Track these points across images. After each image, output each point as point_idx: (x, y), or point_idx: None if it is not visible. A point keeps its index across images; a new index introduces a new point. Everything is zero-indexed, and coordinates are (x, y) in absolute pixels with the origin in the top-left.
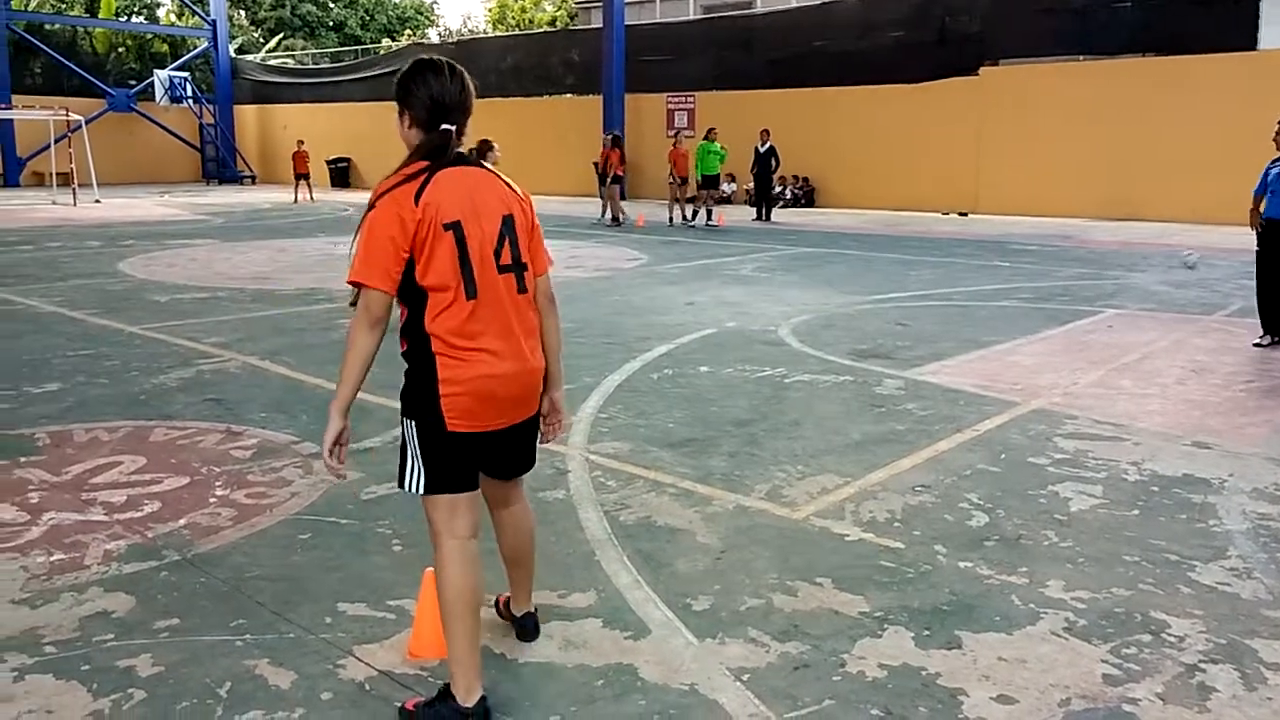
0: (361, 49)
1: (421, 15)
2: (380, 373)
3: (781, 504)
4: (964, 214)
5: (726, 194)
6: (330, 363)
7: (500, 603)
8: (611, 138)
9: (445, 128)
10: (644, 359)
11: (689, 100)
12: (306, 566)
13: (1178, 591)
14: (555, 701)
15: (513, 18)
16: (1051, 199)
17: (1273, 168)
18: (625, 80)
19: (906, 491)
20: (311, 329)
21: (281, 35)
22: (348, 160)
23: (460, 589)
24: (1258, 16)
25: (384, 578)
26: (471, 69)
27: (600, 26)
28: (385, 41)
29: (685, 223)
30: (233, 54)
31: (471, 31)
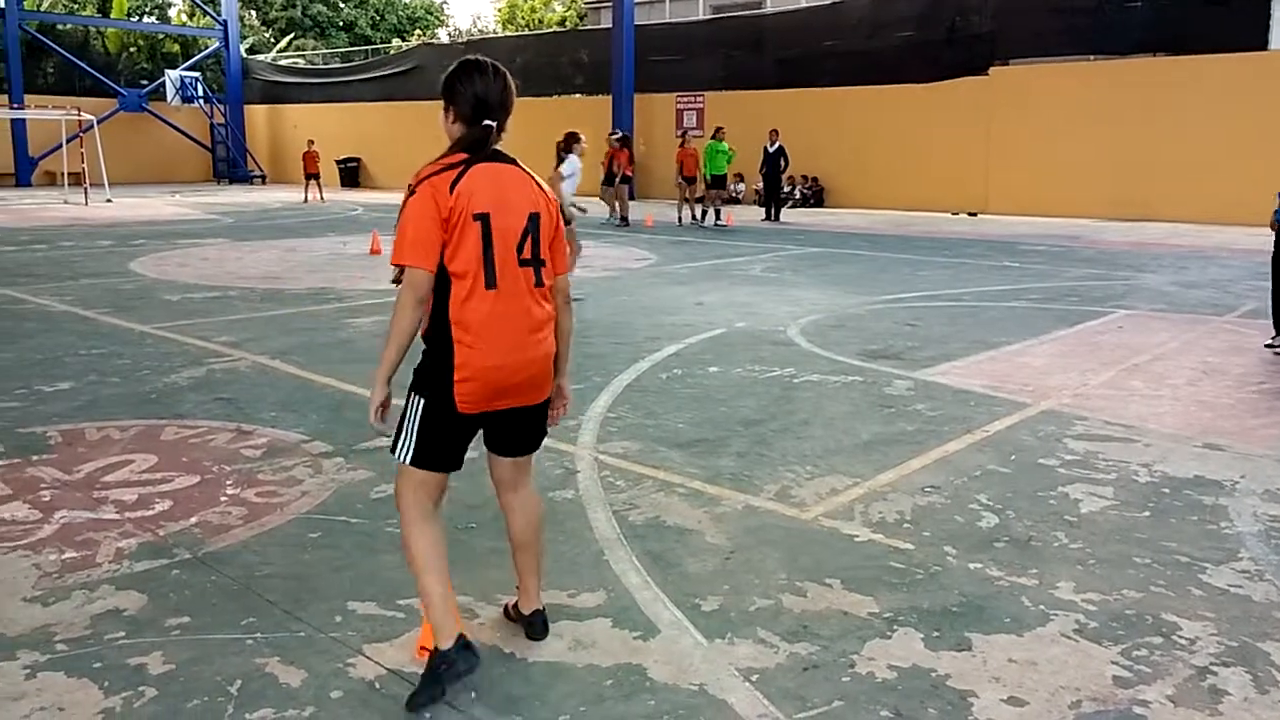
0: (372, 49)
1: (431, 15)
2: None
3: (790, 504)
4: (973, 214)
5: (735, 194)
6: (340, 362)
7: (509, 606)
8: (620, 138)
9: (487, 123)
10: (653, 359)
11: (698, 100)
12: (317, 565)
13: (1189, 593)
14: (564, 701)
15: (522, 18)
16: (1061, 199)
17: None
18: (635, 80)
19: (916, 492)
20: (321, 328)
21: (292, 35)
22: (357, 160)
23: (426, 552)
24: (1269, 17)
25: (394, 577)
26: None
27: (610, 27)
28: (395, 41)
29: (694, 223)
30: (244, 54)
31: (481, 31)
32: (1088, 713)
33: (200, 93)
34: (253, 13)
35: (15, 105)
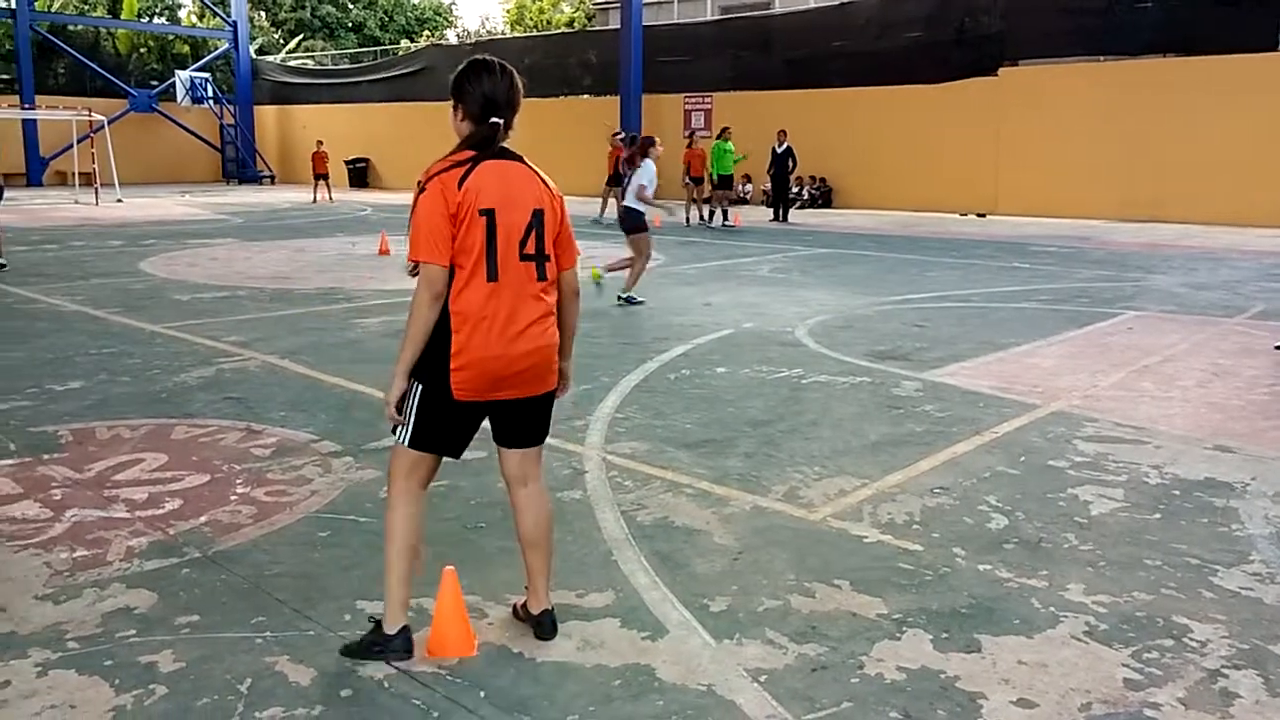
0: (380, 50)
1: (440, 16)
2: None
3: (799, 505)
4: (982, 215)
5: (743, 195)
6: (349, 362)
7: (518, 606)
8: (629, 138)
9: (494, 120)
10: (661, 359)
11: (706, 101)
12: (326, 564)
13: (1200, 596)
14: (573, 701)
15: (530, 19)
16: (1071, 200)
17: None
18: (643, 81)
19: (925, 493)
20: (330, 329)
21: (301, 36)
22: (366, 161)
23: (403, 528)
24: (1279, 17)
25: None
26: None
27: (618, 27)
28: (404, 42)
29: (703, 223)
30: (253, 55)
31: (490, 32)
32: (1098, 715)
33: (210, 93)
34: (262, 14)
35: (26, 106)
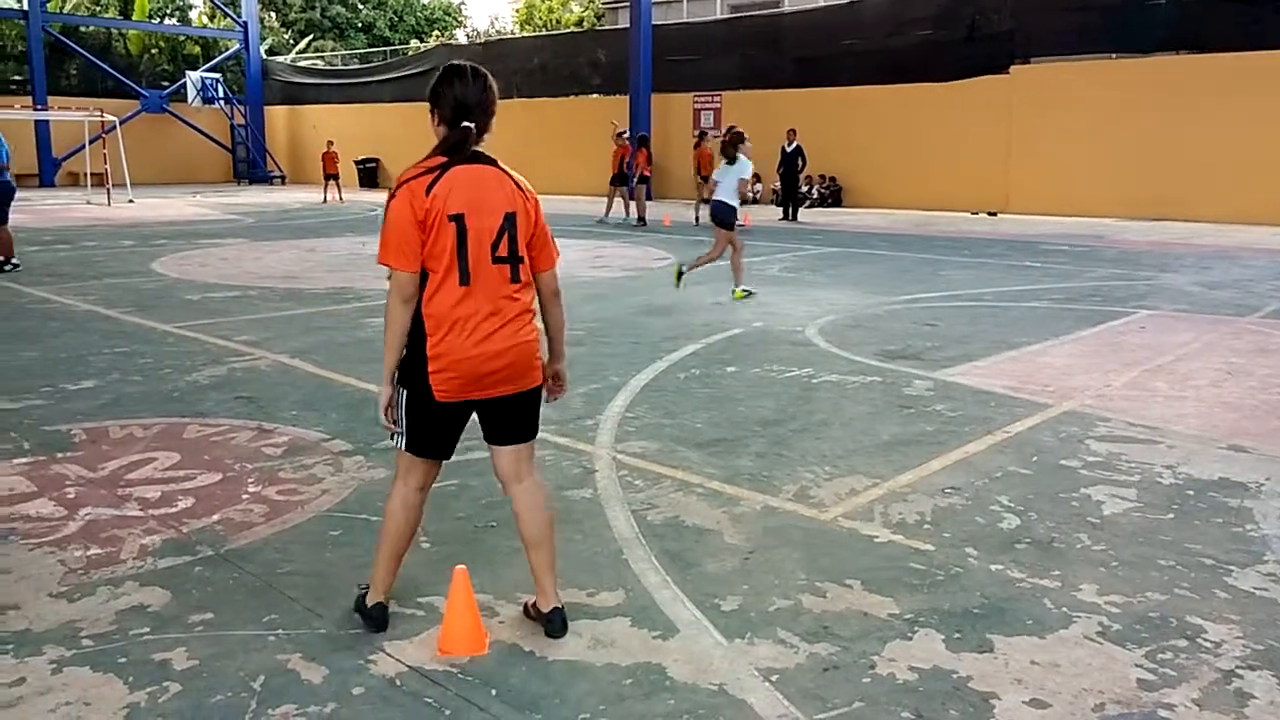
0: (390, 50)
1: (449, 16)
2: None
3: (810, 505)
4: (993, 214)
5: (753, 194)
6: (359, 361)
7: (529, 605)
8: (639, 138)
9: (465, 125)
10: (671, 359)
11: (715, 100)
12: (337, 563)
13: (1214, 596)
14: (584, 700)
15: (540, 18)
16: (1083, 199)
17: None
18: (652, 80)
19: (936, 493)
20: (340, 328)
21: (311, 37)
22: (376, 161)
23: (396, 521)
24: None
25: (413, 575)
26: (499, 69)
27: (627, 26)
28: (414, 43)
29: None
30: (263, 55)
31: (499, 32)
32: (1111, 716)
33: (221, 94)
34: (272, 14)
35: (39, 106)
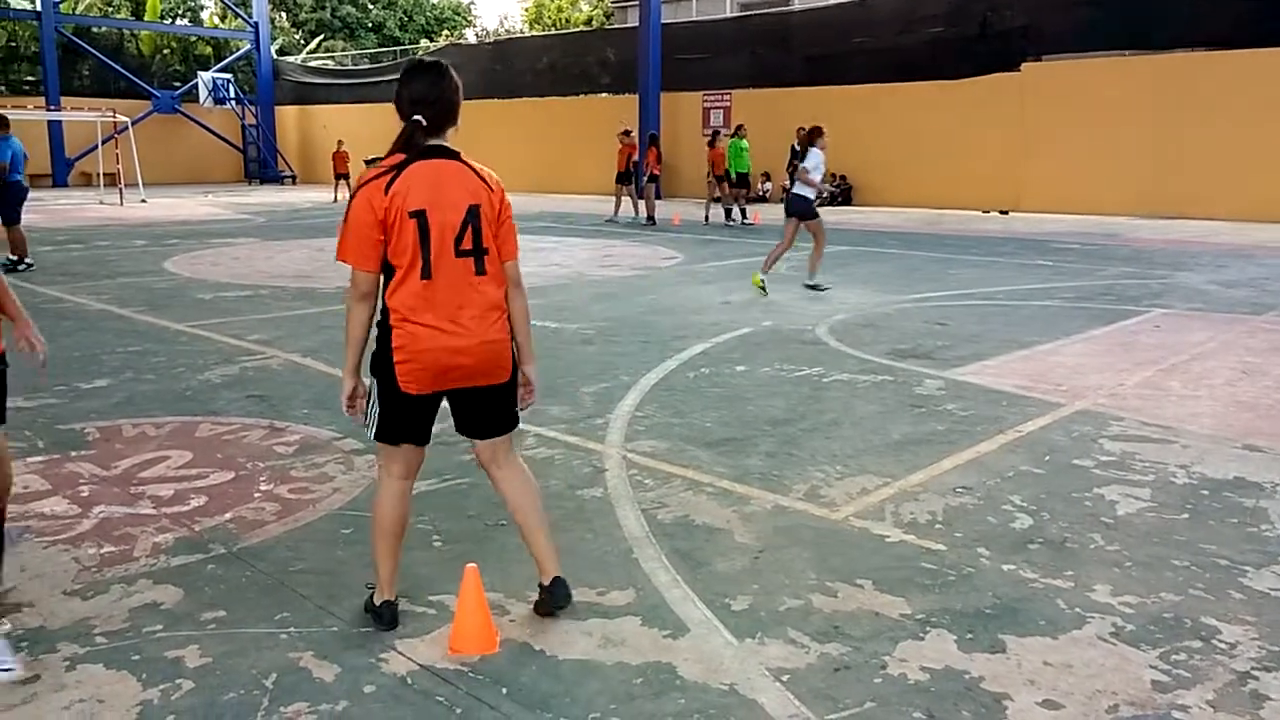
0: (400, 50)
1: (459, 16)
2: None
3: (820, 504)
4: (1005, 212)
5: (762, 193)
6: (369, 360)
7: (539, 603)
8: (649, 136)
9: (415, 117)
10: (680, 358)
11: (725, 98)
12: (349, 561)
13: (1229, 597)
14: (595, 699)
15: (549, 17)
16: (1095, 196)
17: None
18: (661, 79)
19: (948, 493)
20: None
21: (322, 37)
22: None
23: (383, 514)
24: None
25: (424, 573)
26: (508, 69)
27: (636, 25)
28: (423, 42)
29: (727, 222)
30: (274, 55)
31: (508, 31)
32: (1125, 717)
33: (232, 94)
34: (283, 14)
35: (52, 107)
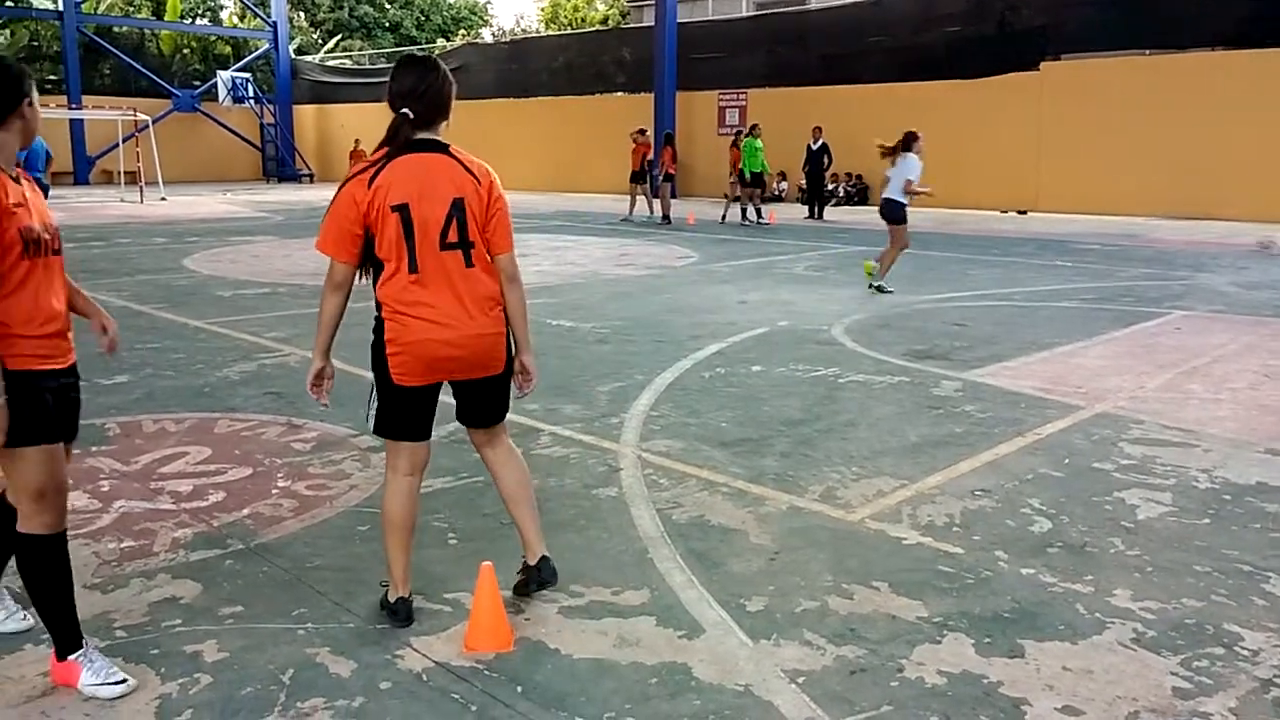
0: (417, 49)
1: (475, 15)
2: None
3: (836, 505)
4: (1023, 212)
5: (778, 192)
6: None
7: (519, 576)
8: (665, 135)
9: (403, 111)
10: (696, 357)
11: (740, 97)
12: (365, 558)
13: (1251, 603)
14: (610, 698)
15: (565, 17)
16: (1114, 197)
17: None
18: (676, 78)
19: (965, 495)
20: (368, 324)
21: (339, 36)
22: None
23: (391, 511)
24: None
25: (440, 571)
26: (524, 68)
27: (652, 24)
28: (440, 42)
29: (743, 221)
30: (292, 55)
31: (524, 31)
32: None
33: (251, 93)
34: (301, 14)
35: (74, 106)
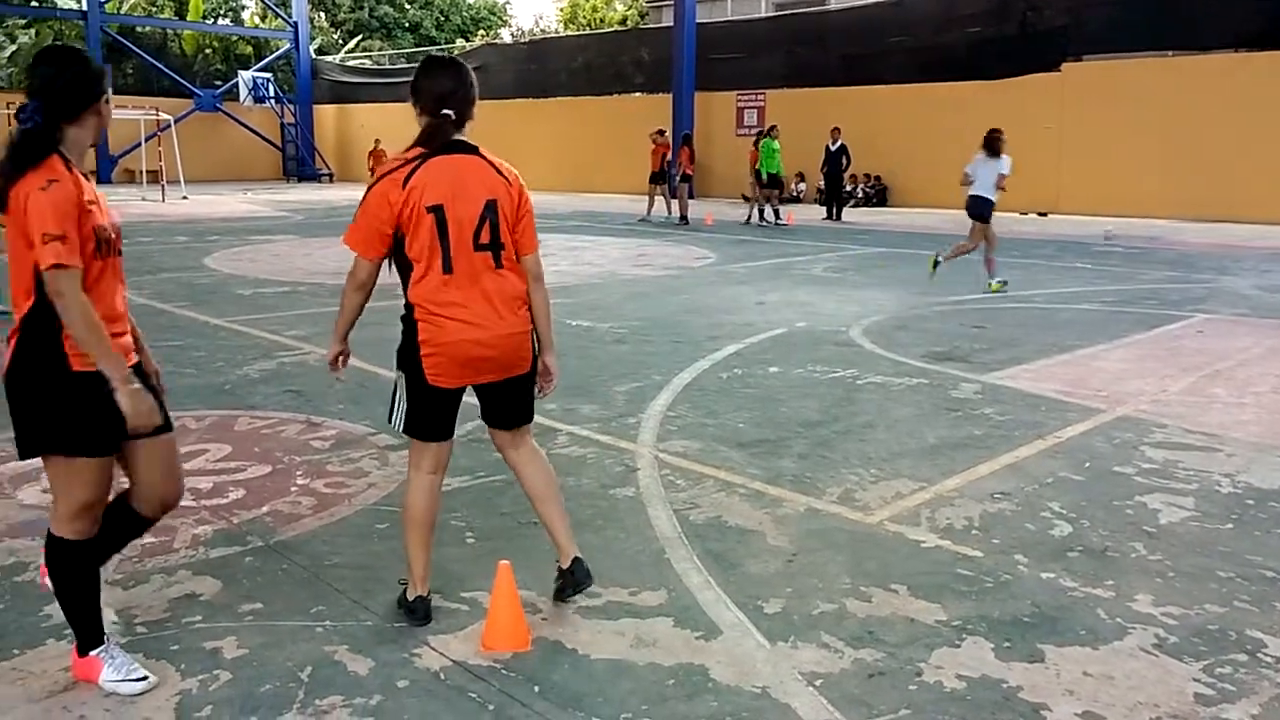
0: (436, 49)
1: (495, 16)
2: None
3: (854, 508)
4: (1043, 214)
5: (796, 193)
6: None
7: (559, 579)
8: (683, 136)
9: (444, 112)
10: (713, 358)
11: (759, 98)
12: (384, 556)
13: (1274, 609)
14: (627, 699)
15: (584, 17)
16: (1136, 199)
17: None
18: (695, 78)
19: (985, 498)
20: (387, 324)
21: (360, 36)
22: None
23: (413, 508)
24: None
25: (457, 569)
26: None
27: (671, 25)
28: (459, 42)
29: (760, 222)
30: (313, 55)
31: (543, 31)
32: None
33: (271, 93)
34: (322, 15)
35: None
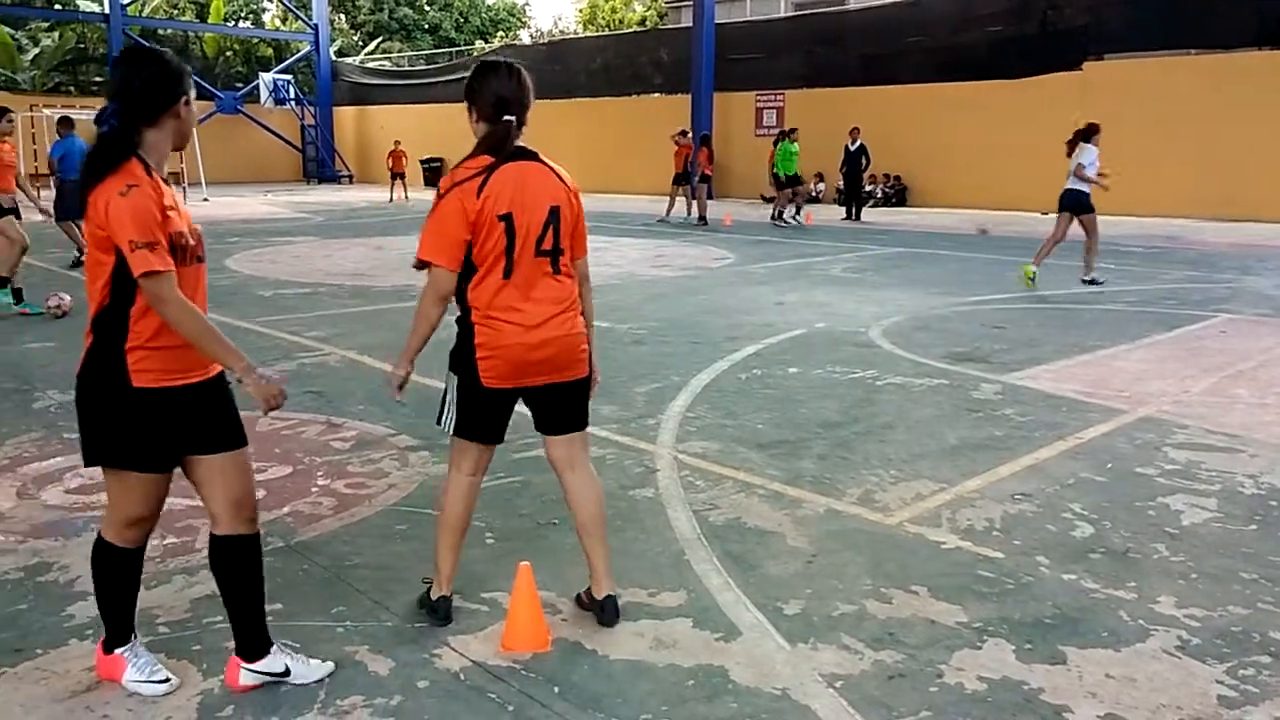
0: (455, 51)
1: (514, 17)
2: None
3: (874, 509)
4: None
5: (815, 193)
6: (425, 358)
7: (582, 595)
8: (701, 137)
9: (507, 119)
10: (732, 359)
11: (778, 98)
12: (404, 556)
13: None
14: (646, 700)
15: (603, 18)
16: (1158, 199)
17: None
18: (714, 78)
19: (1006, 500)
20: (407, 325)
21: (379, 38)
22: (440, 160)
23: (450, 509)
24: None
25: (478, 570)
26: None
27: (690, 25)
28: (479, 43)
29: (778, 222)
30: (333, 57)
31: (562, 32)
32: None
33: (292, 95)
34: (342, 16)
35: None
